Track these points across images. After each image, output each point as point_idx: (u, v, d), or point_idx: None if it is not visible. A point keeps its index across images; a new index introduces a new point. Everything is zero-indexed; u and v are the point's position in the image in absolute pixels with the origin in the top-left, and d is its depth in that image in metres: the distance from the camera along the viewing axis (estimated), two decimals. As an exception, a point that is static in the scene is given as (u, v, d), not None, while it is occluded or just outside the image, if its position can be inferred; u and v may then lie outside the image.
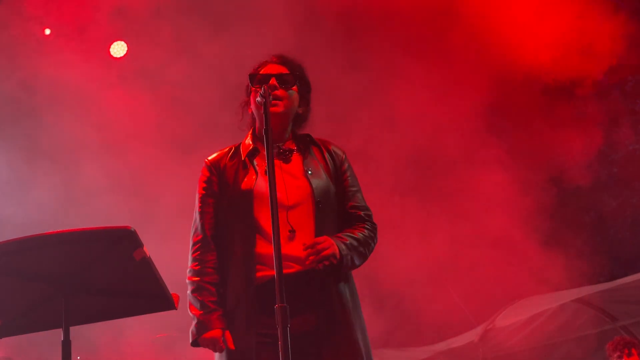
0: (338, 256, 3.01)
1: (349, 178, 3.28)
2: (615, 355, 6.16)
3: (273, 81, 3.15)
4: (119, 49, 8.64)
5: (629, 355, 6.09)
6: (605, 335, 7.48)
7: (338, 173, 3.26)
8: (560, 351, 8.36)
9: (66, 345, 2.56)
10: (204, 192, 3.24)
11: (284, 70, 3.23)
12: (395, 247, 8.24)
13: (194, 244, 3.20)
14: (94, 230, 2.47)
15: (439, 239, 8.77)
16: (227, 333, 3.05)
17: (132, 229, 2.45)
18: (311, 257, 2.96)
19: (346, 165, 3.30)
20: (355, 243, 3.11)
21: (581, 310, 7.97)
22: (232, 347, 3.02)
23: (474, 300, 9.34)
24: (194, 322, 3.09)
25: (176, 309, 2.87)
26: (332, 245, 3.00)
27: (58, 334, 2.59)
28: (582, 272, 8.18)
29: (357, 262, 3.13)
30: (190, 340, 3.12)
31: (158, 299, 2.63)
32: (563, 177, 8.80)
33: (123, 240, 2.47)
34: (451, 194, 8.62)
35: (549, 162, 8.67)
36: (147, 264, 2.51)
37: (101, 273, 2.56)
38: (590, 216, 9.09)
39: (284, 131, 3.25)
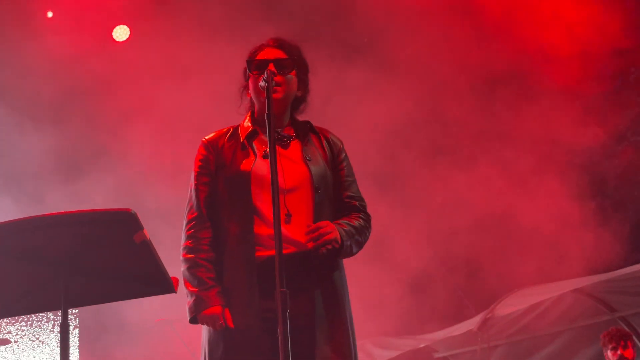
0: (340, 241, 3.04)
1: (346, 168, 3.30)
2: (611, 346, 6.16)
3: (271, 67, 3.13)
4: (121, 32, 8.62)
5: (625, 347, 6.10)
6: (603, 326, 7.48)
7: (335, 162, 3.27)
8: (558, 341, 8.37)
9: (64, 328, 2.56)
10: (199, 170, 3.23)
11: (281, 54, 3.22)
12: (395, 235, 8.25)
13: (188, 222, 3.19)
14: (94, 212, 2.46)
15: (438, 226, 8.78)
16: (227, 310, 3.05)
17: (133, 212, 2.44)
18: (314, 242, 2.98)
19: (343, 155, 3.32)
20: (353, 231, 3.14)
21: (580, 301, 7.97)
22: (231, 325, 3.03)
23: (473, 288, 9.36)
24: (191, 299, 3.07)
25: (176, 292, 2.87)
26: (334, 230, 3.03)
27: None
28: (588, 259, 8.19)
29: (354, 249, 3.17)
30: (189, 317, 3.11)
31: (158, 282, 2.62)
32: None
33: (123, 223, 2.46)
34: (451, 179, 8.60)
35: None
36: (147, 247, 2.50)
37: (101, 255, 2.55)
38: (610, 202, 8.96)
39: (283, 116, 3.25)
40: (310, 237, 2.99)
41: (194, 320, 3.11)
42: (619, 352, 6.06)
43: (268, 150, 2.92)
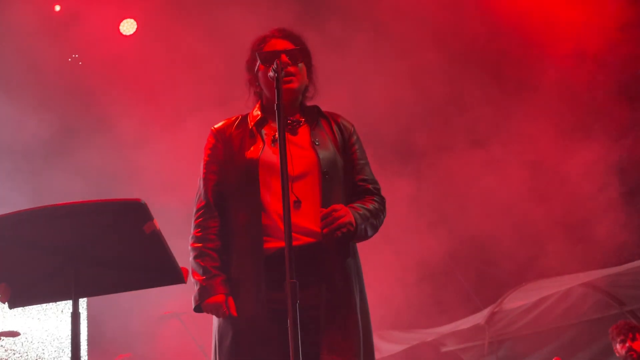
0: (354, 223, 3.03)
1: (358, 151, 3.29)
2: (619, 339, 6.15)
3: (283, 57, 3.14)
4: (128, 26, 8.62)
5: (633, 339, 6.09)
6: (612, 320, 7.47)
7: (346, 146, 3.27)
8: (566, 335, 8.35)
9: (75, 317, 2.57)
10: (208, 159, 3.25)
11: (289, 45, 3.24)
12: (403, 230, 8.24)
13: (197, 211, 3.21)
14: (104, 202, 2.47)
15: (446, 222, 8.77)
16: (230, 299, 3.06)
17: (143, 202, 2.45)
18: (328, 226, 2.96)
19: (354, 138, 3.31)
20: (367, 214, 3.13)
21: (588, 295, 7.96)
22: (234, 313, 3.04)
23: (481, 283, 9.35)
24: (196, 288, 3.10)
25: (185, 283, 2.87)
26: (347, 213, 3.02)
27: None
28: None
29: (369, 232, 3.16)
30: (193, 306, 3.14)
31: (167, 272, 2.63)
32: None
33: (133, 213, 2.47)
34: (457, 174, 8.59)
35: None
36: (157, 237, 2.51)
37: (111, 245, 2.56)
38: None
39: (294, 104, 3.26)
40: (324, 223, 2.97)
41: (198, 308, 3.13)
42: (627, 344, 6.06)
43: (276, 135, 2.93)
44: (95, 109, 8.17)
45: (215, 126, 3.31)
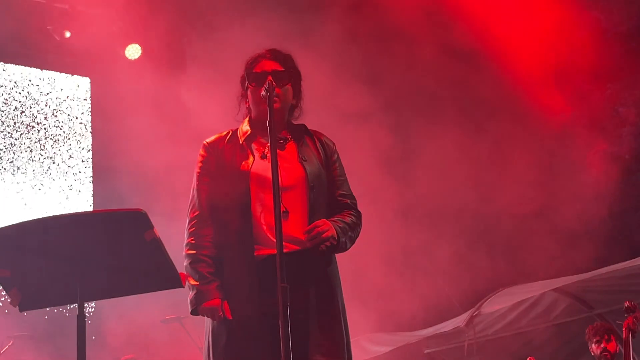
0: (337, 237, 3.09)
1: (338, 168, 3.35)
2: (595, 339, 6.15)
3: (269, 79, 3.16)
4: (133, 51, 8.65)
5: (608, 341, 6.09)
6: (583, 322, 7.50)
7: (329, 162, 3.32)
8: (541, 337, 8.37)
9: (81, 319, 2.59)
10: (201, 171, 3.27)
11: (277, 67, 3.26)
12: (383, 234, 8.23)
13: (191, 220, 3.23)
14: (107, 212, 2.50)
15: (424, 226, 8.77)
16: (225, 303, 3.09)
17: (144, 212, 2.48)
18: (312, 240, 3.03)
19: (336, 155, 3.37)
20: (347, 227, 3.20)
21: (560, 299, 8.00)
22: (229, 317, 3.07)
23: (460, 288, 9.35)
24: (192, 292, 3.12)
25: (184, 287, 2.89)
26: (330, 227, 3.08)
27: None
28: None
29: (348, 244, 3.22)
30: (190, 309, 3.15)
31: (167, 277, 2.66)
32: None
33: (135, 222, 2.50)
34: (438, 179, 8.59)
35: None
36: (157, 245, 2.54)
37: (114, 252, 2.59)
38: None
39: (280, 123, 3.29)
40: (309, 236, 3.03)
41: (194, 312, 3.15)
42: (602, 345, 6.04)
43: (267, 151, 2.97)
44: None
45: (207, 140, 3.34)
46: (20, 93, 8.66)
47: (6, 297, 2.62)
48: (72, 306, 7.08)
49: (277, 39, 3.42)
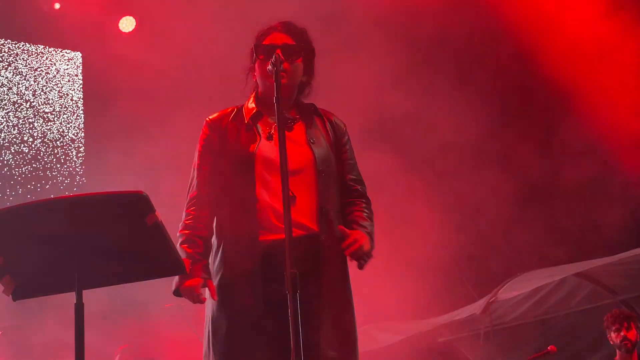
0: (371, 249, 3.16)
1: (348, 150, 3.32)
2: (614, 327, 6.13)
3: (279, 52, 3.11)
4: (127, 24, 8.60)
5: (628, 329, 6.06)
6: (605, 309, 7.46)
7: (339, 144, 3.29)
8: (561, 324, 8.37)
9: (79, 308, 2.57)
10: (202, 149, 3.24)
11: (289, 40, 3.20)
12: (400, 222, 8.23)
13: (189, 200, 3.21)
14: (107, 194, 2.47)
15: (441, 214, 8.76)
16: (210, 282, 3.06)
17: (145, 194, 2.45)
18: (356, 257, 3.12)
19: (346, 137, 3.33)
20: (372, 231, 3.23)
21: (582, 284, 7.97)
22: (214, 297, 3.04)
23: (475, 274, 9.35)
24: None
25: (187, 273, 2.87)
26: (366, 241, 3.12)
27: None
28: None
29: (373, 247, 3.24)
30: (172, 289, 3.12)
31: (169, 263, 2.63)
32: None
33: (135, 205, 2.47)
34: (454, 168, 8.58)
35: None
36: (158, 229, 2.51)
37: (113, 237, 2.56)
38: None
39: (288, 100, 3.24)
40: (351, 251, 3.08)
41: (176, 292, 3.11)
42: (622, 333, 6.02)
43: (273, 131, 2.94)
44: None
45: (210, 117, 3.29)
46: (6, 68, 8.61)
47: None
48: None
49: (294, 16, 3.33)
